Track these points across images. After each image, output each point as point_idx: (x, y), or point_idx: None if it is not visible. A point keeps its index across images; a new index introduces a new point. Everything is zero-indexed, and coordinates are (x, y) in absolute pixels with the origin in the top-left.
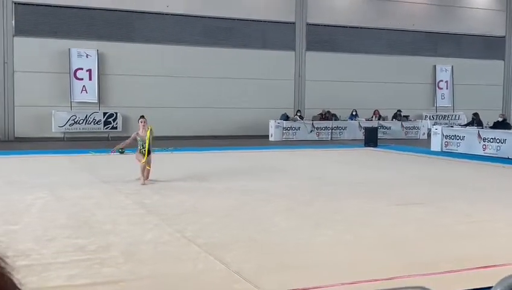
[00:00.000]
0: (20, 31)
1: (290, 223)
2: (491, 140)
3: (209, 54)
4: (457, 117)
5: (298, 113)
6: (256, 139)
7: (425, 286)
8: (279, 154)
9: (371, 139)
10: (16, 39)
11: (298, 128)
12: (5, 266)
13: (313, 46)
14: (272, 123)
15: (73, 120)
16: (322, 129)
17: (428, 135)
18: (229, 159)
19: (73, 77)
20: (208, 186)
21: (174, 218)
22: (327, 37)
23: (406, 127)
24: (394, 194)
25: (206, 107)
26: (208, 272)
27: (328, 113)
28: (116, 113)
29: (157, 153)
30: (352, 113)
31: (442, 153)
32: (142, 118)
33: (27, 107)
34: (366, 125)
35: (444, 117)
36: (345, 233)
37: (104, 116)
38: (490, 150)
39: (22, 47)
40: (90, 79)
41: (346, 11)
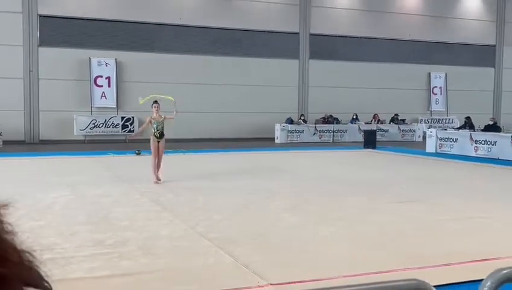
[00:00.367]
0: (44, 41)
1: (294, 220)
2: (483, 142)
3: (219, 63)
4: (450, 121)
5: (302, 117)
6: (263, 142)
7: (419, 279)
8: (284, 155)
9: (370, 141)
10: (41, 49)
11: (302, 131)
12: (33, 259)
13: (315, 54)
14: (278, 126)
15: (93, 124)
16: (324, 132)
17: (424, 138)
18: (237, 160)
19: (94, 84)
20: (218, 186)
21: (186, 215)
22: (329, 47)
23: (403, 130)
24: (392, 193)
25: (215, 112)
26: (218, 265)
27: (330, 117)
28: (133, 117)
29: (170, 154)
30: (353, 117)
31: (437, 154)
32: (155, 102)
33: (51, 112)
34: (366, 129)
35: (438, 121)
36: (345, 229)
37: (121, 120)
38: (481, 152)
39: (46, 56)
40: (109, 86)
41: (346, 23)
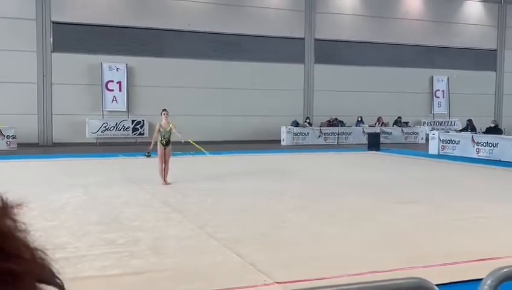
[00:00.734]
0: (57, 47)
1: (300, 220)
2: (484, 144)
3: (226, 67)
4: (452, 123)
5: (307, 120)
6: (269, 144)
7: (420, 277)
8: (290, 157)
9: (374, 143)
10: (54, 55)
11: (307, 133)
12: (45, 257)
13: (320, 59)
14: (284, 129)
15: (104, 127)
16: (329, 134)
17: (426, 140)
18: (244, 162)
19: (105, 88)
20: (225, 187)
21: (195, 215)
22: (333, 51)
23: (406, 133)
24: (395, 193)
25: (223, 115)
26: (226, 264)
27: (335, 120)
28: (143, 120)
29: (179, 156)
30: (358, 120)
31: (439, 156)
32: (164, 110)
33: (63, 115)
34: (370, 131)
35: (441, 123)
36: (349, 229)
37: (132, 123)
38: (483, 153)
39: (59, 62)
40: (120, 90)
41: (350, 28)
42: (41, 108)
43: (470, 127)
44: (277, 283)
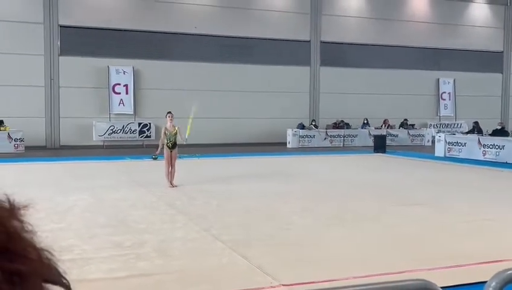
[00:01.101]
0: (64, 50)
1: (305, 222)
2: (491, 146)
3: (233, 70)
4: (459, 125)
5: (313, 123)
6: (275, 146)
7: (425, 279)
8: (296, 159)
9: (380, 145)
10: (61, 58)
11: (313, 136)
12: (52, 257)
13: (326, 62)
14: (289, 132)
15: (111, 130)
16: (334, 137)
17: (433, 142)
18: (249, 164)
19: (112, 91)
20: (231, 189)
21: (200, 218)
22: (339, 54)
23: (412, 135)
24: (400, 196)
25: (229, 118)
26: (231, 266)
27: (342, 122)
28: (149, 123)
29: (185, 159)
30: (364, 122)
31: (446, 158)
32: (169, 113)
33: (71, 118)
34: (376, 133)
35: (447, 125)
36: (355, 231)
37: (139, 126)
38: (490, 156)
39: (67, 65)
40: (126, 93)
41: (356, 30)
42: (48, 111)
43: (476, 129)
44: (283, 285)
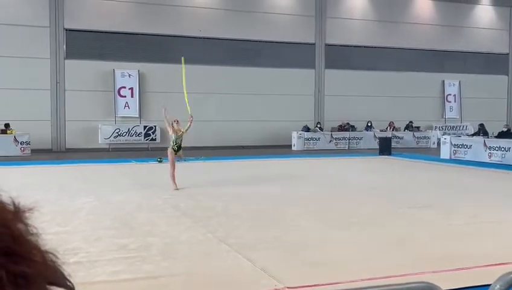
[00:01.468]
0: (70, 54)
1: (310, 225)
2: (496, 148)
3: (238, 73)
4: (464, 128)
5: (318, 125)
6: (280, 149)
7: (430, 282)
8: (301, 162)
9: (385, 148)
10: (67, 62)
11: (318, 138)
12: (56, 260)
13: (331, 64)
14: (295, 134)
15: (117, 133)
16: (340, 139)
17: (438, 144)
18: (255, 167)
19: (117, 94)
20: (236, 192)
21: (206, 220)
22: (344, 56)
23: (418, 137)
24: (406, 198)
25: (234, 120)
26: (237, 269)
27: (347, 125)
28: (155, 126)
29: (190, 161)
30: (368, 125)
31: (451, 160)
32: (176, 121)
33: (77, 121)
34: (381, 136)
35: (452, 128)
36: (360, 233)
37: (144, 129)
38: (495, 158)
39: (72, 69)
40: (132, 96)
41: (361, 33)
42: (54, 114)
43: (481, 131)
44: (288, 287)
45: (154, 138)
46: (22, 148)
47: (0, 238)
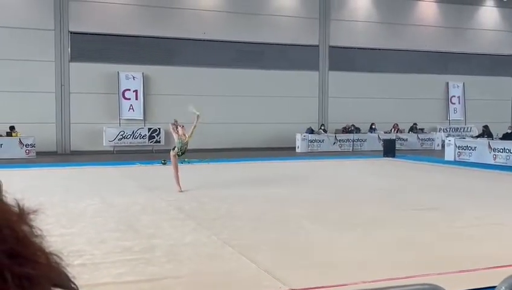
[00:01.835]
0: (75, 57)
1: (314, 227)
2: (501, 150)
3: (242, 75)
4: (469, 129)
5: (322, 127)
6: (284, 151)
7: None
8: (305, 164)
9: (389, 150)
10: (72, 64)
11: (322, 140)
12: (60, 261)
13: (335, 66)
14: (299, 136)
15: (121, 135)
16: (344, 141)
17: (442, 146)
18: (259, 169)
19: (122, 97)
20: (241, 194)
21: (210, 222)
22: (348, 58)
23: (422, 139)
24: (410, 200)
25: (238, 123)
26: (241, 270)
27: (352, 127)
28: (159, 128)
29: (194, 164)
30: (371, 127)
31: (455, 162)
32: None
33: (81, 124)
34: (385, 138)
35: (457, 129)
36: (364, 235)
37: (149, 131)
38: (500, 160)
39: (77, 71)
40: (136, 99)
41: (365, 35)
42: (59, 117)
43: (486, 133)
44: (292, 289)
45: (158, 140)
46: (27, 150)
47: (4, 240)
